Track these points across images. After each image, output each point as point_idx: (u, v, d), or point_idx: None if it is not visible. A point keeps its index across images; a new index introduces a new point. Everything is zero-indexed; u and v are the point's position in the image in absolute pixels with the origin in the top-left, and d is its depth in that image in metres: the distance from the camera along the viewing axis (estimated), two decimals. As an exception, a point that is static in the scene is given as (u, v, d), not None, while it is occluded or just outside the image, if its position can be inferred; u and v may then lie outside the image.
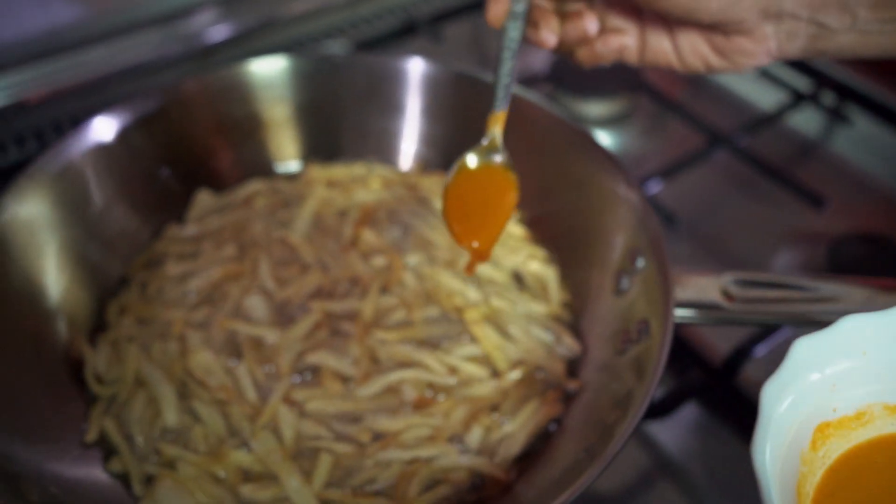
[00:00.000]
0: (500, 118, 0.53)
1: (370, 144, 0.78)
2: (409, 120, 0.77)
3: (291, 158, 0.78)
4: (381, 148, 0.78)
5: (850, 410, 0.45)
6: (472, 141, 0.54)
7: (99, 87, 0.90)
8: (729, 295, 0.56)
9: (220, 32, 0.97)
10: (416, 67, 0.75)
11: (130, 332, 0.63)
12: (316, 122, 0.78)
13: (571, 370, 0.62)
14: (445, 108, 0.76)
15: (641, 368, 0.53)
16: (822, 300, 0.55)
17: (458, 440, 0.57)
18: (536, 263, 0.69)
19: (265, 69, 0.75)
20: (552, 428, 0.59)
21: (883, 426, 0.45)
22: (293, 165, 0.78)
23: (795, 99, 0.93)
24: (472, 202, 0.54)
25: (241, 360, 0.61)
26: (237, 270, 0.66)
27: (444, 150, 0.77)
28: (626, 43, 0.57)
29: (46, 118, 0.87)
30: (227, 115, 0.75)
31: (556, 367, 0.62)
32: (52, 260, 0.63)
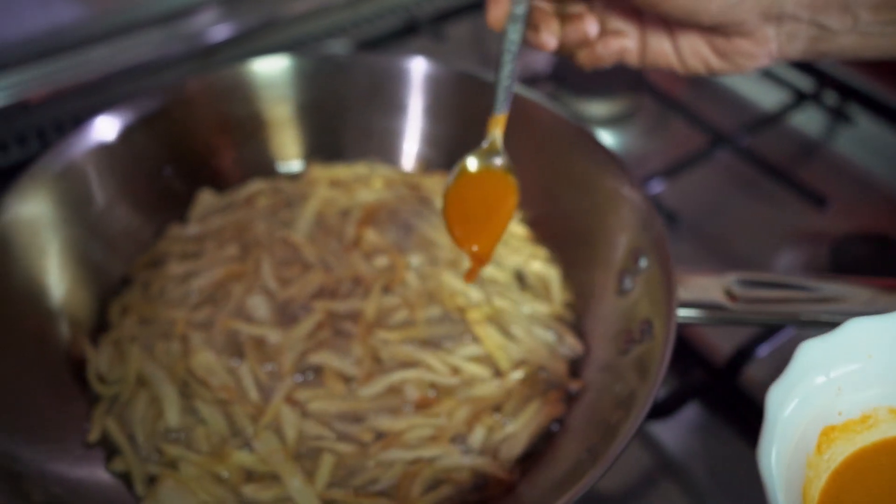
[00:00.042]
0: (500, 121, 0.53)
1: (372, 144, 0.78)
2: (411, 120, 0.77)
3: (293, 158, 0.78)
4: (383, 148, 0.78)
5: (855, 414, 0.45)
6: (474, 141, 0.54)
7: (101, 86, 0.90)
8: (732, 295, 0.56)
9: (221, 32, 0.97)
10: (418, 67, 0.75)
11: (133, 331, 0.63)
12: (318, 121, 0.78)
13: (574, 370, 0.62)
14: (447, 107, 0.76)
15: (644, 368, 0.53)
16: (824, 300, 0.55)
17: (460, 440, 0.57)
18: (539, 263, 0.69)
19: (267, 69, 0.75)
20: (555, 428, 0.59)
21: (888, 429, 0.45)
22: (295, 165, 0.78)
23: (798, 99, 0.93)
24: (472, 206, 0.54)
25: (243, 359, 0.61)
26: (239, 270, 0.66)
27: (446, 149, 0.77)
28: (626, 45, 0.56)
29: (48, 118, 0.87)
30: (229, 114, 0.75)
31: (558, 367, 0.61)
32: (54, 259, 0.63)
